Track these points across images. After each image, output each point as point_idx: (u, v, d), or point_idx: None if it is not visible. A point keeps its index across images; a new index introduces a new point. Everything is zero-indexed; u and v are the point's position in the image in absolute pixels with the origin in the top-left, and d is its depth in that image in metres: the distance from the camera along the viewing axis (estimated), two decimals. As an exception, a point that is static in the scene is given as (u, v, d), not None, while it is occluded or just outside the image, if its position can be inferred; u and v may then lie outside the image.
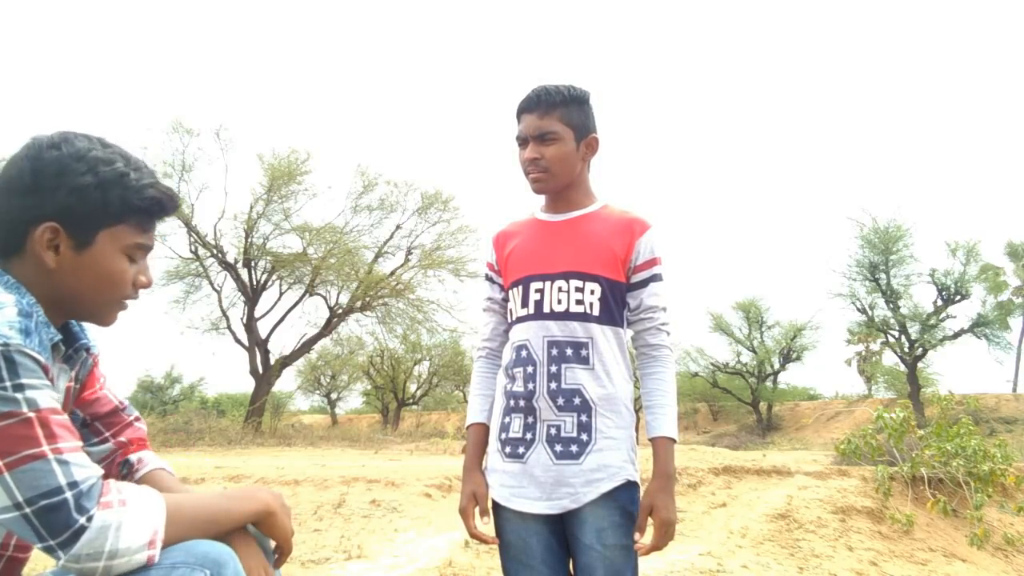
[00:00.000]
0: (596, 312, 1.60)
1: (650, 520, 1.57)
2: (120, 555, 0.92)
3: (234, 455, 10.14)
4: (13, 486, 0.88)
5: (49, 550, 0.91)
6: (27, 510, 0.88)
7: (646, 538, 1.57)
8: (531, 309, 1.62)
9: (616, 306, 1.63)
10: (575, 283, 1.60)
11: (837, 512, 4.90)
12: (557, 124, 1.60)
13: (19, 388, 0.91)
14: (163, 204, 1.19)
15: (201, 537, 1.02)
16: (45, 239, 1.05)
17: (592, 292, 1.60)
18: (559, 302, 1.60)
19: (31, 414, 0.92)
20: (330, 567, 4.07)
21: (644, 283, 1.64)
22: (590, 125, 1.66)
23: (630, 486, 1.56)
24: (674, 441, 1.58)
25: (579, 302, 1.59)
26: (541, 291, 1.62)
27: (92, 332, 1.28)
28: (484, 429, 1.71)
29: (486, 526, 1.64)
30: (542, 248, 1.66)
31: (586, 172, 1.71)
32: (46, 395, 0.95)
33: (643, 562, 1.66)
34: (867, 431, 6.00)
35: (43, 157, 1.05)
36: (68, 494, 0.91)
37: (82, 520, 0.91)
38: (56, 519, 0.89)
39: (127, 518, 0.95)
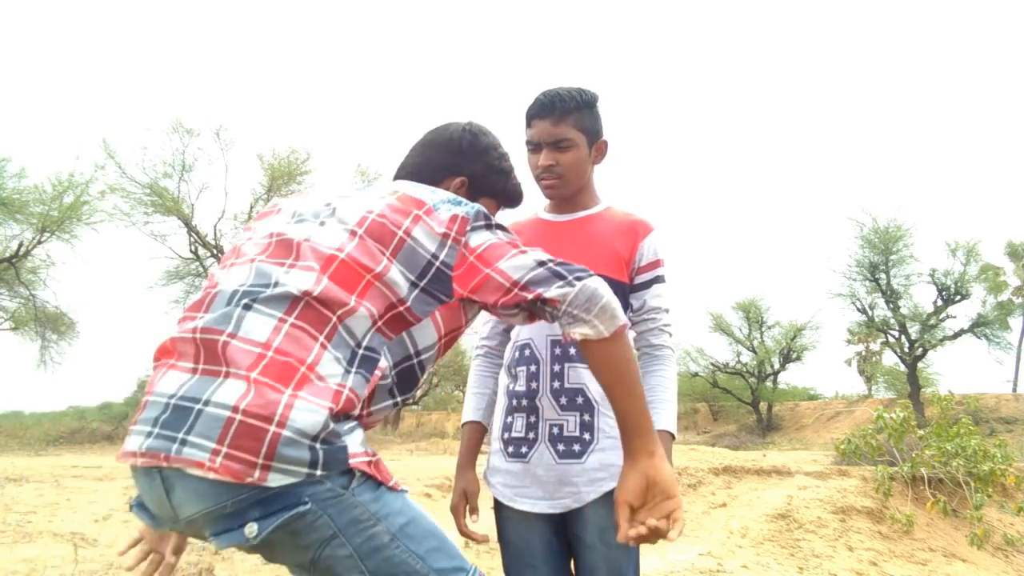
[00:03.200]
0: None
1: None
2: (617, 305, 1.16)
3: (234, 455, 10.13)
4: (533, 254, 1.17)
5: (565, 284, 1.14)
6: (549, 264, 1.16)
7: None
8: None
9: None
10: None
11: (837, 512, 4.90)
12: (571, 130, 1.60)
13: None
14: (519, 199, 1.53)
15: (629, 387, 1.18)
16: (457, 186, 1.41)
17: None
18: None
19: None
20: (330, 567, 4.06)
21: (647, 284, 1.65)
22: (600, 129, 1.66)
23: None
24: (673, 437, 1.58)
25: None
26: None
27: None
28: (479, 427, 1.71)
29: (475, 524, 1.64)
30: (546, 248, 1.64)
31: (593, 175, 1.72)
32: None
33: (643, 562, 1.66)
34: (867, 431, 6.00)
35: (478, 136, 1.44)
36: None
37: (594, 274, 1.18)
38: (573, 266, 1.17)
39: None
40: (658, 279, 1.66)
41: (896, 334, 24.17)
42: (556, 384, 1.58)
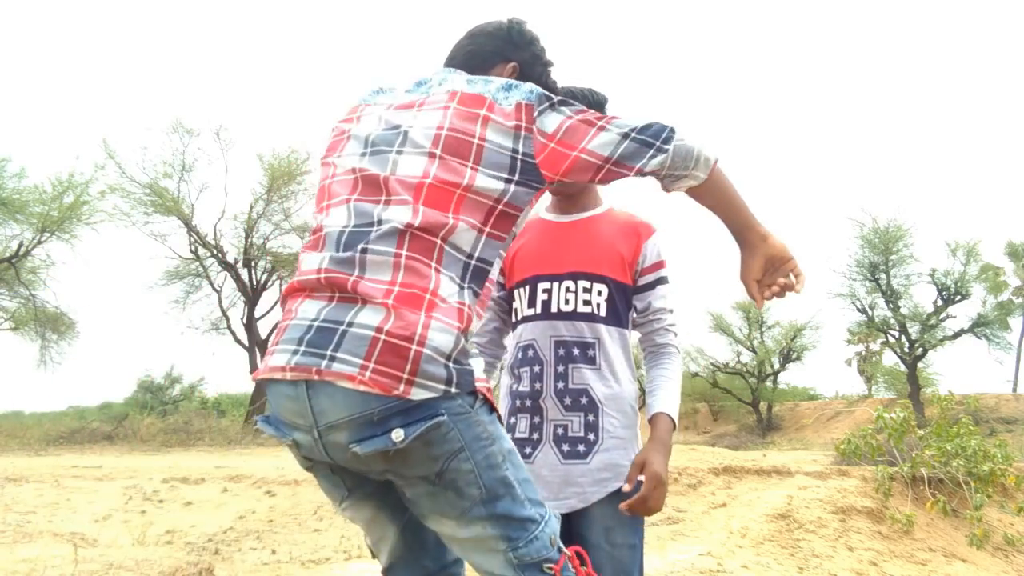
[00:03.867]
0: (603, 313, 1.61)
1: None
2: (704, 147, 1.24)
3: (234, 455, 10.14)
4: (613, 128, 1.22)
5: (658, 152, 1.21)
6: (633, 135, 1.20)
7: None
8: (538, 309, 1.63)
9: (621, 308, 1.64)
10: (583, 283, 1.61)
11: (837, 512, 4.90)
12: None
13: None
14: (558, 94, 1.50)
15: (730, 205, 1.31)
16: (510, 72, 1.44)
17: (599, 293, 1.61)
18: (567, 302, 1.61)
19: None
20: (330, 567, 4.07)
21: (651, 285, 1.66)
22: None
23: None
24: (674, 425, 1.57)
25: (586, 302, 1.60)
26: (549, 291, 1.62)
27: None
28: None
29: None
30: (550, 248, 1.66)
31: None
32: None
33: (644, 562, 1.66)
34: (867, 431, 5.99)
35: (523, 26, 1.47)
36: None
37: (671, 125, 1.24)
38: (655, 129, 1.22)
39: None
40: (661, 280, 1.67)
41: (896, 334, 24.15)
42: (560, 385, 1.58)
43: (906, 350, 23.52)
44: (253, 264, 16.93)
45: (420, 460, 1.09)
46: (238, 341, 17.18)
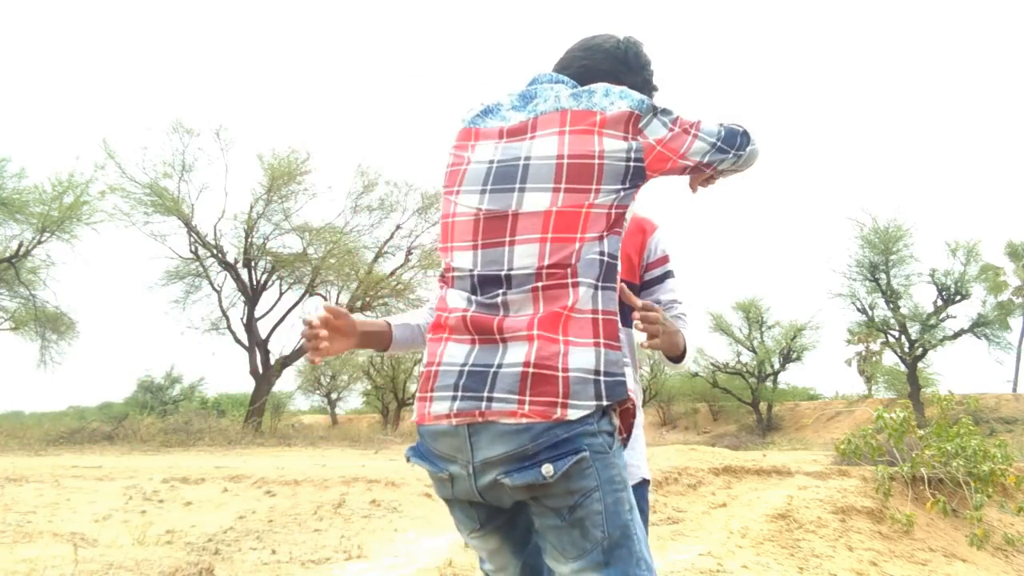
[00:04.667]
0: None
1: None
2: (761, 143, 1.41)
3: (234, 455, 10.14)
4: (705, 137, 1.33)
5: (734, 157, 1.36)
6: (718, 144, 1.33)
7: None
8: None
9: (627, 307, 1.64)
10: None
11: (837, 512, 4.90)
12: None
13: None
14: None
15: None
16: None
17: None
18: None
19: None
20: (330, 567, 4.06)
21: (659, 280, 1.69)
22: None
23: (642, 483, 1.58)
24: (682, 355, 1.56)
25: None
26: None
27: None
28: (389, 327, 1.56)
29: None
30: None
31: None
32: None
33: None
34: (867, 431, 6.00)
35: (639, 49, 1.53)
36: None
37: (745, 130, 1.38)
38: (732, 135, 1.35)
39: None
40: (668, 274, 1.70)
41: (896, 334, 24.17)
42: None
43: (906, 350, 23.53)
44: (253, 264, 16.91)
45: (559, 493, 1.14)
46: (238, 341, 17.15)
